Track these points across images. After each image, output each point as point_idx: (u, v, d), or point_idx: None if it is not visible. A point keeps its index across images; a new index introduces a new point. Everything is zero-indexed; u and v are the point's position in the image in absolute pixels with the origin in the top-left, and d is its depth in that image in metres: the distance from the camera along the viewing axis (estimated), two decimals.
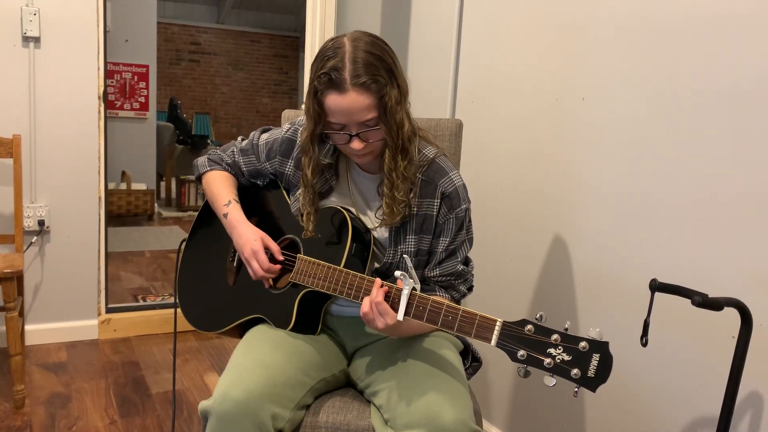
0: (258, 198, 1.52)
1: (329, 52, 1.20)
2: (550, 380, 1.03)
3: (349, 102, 1.18)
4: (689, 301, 1.13)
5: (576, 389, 1.03)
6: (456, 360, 1.35)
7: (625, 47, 1.62)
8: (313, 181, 1.35)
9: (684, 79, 1.47)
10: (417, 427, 1.15)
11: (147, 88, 6.23)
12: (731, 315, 1.23)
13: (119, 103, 6.13)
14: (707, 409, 1.44)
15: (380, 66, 1.19)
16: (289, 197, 1.47)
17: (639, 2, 1.58)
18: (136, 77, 6.18)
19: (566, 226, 1.81)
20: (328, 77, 1.18)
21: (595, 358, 1.01)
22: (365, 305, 1.20)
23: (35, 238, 2.72)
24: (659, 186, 1.53)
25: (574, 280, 1.79)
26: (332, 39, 1.23)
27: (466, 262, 1.42)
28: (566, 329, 1.04)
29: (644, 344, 1.17)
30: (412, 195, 1.30)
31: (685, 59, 1.47)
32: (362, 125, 1.22)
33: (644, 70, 1.57)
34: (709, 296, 1.14)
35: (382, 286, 1.21)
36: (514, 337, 1.07)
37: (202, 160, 1.55)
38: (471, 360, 1.48)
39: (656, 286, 1.20)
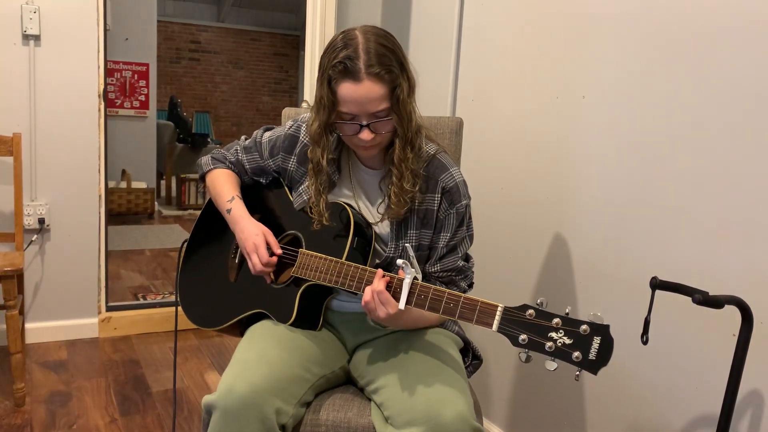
0: (261, 195, 1.53)
1: (341, 42, 1.22)
2: (552, 364, 1.03)
3: (363, 91, 1.20)
4: (690, 299, 1.13)
5: (577, 372, 1.03)
6: (456, 357, 1.35)
7: (625, 45, 1.62)
8: (328, 169, 1.36)
9: (684, 77, 1.47)
10: (418, 425, 1.15)
11: (147, 86, 6.23)
12: (732, 313, 1.23)
13: (119, 102, 6.13)
14: (708, 407, 1.44)
15: (393, 58, 1.22)
16: (291, 194, 1.47)
17: (639, 1, 1.57)
18: (136, 76, 6.18)
19: (567, 224, 1.81)
20: (343, 65, 1.20)
21: (596, 341, 1.00)
22: (367, 294, 1.20)
23: (35, 236, 2.72)
24: (659, 184, 1.53)
25: (575, 278, 1.79)
26: (343, 31, 1.25)
27: (467, 258, 1.43)
28: (567, 313, 1.04)
29: (645, 342, 1.17)
30: (417, 188, 1.31)
31: (685, 57, 1.47)
32: (373, 116, 1.23)
33: (645, 68, 1.57)
34: (710, 294, 1.14)
35: (383, 276, 1.21)
36: (515, 321, 1.07)
37: (205, 159, 1.56)
38: (471, 358, 1.49)
39: (657, 284, 1.20)
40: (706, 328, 1.43)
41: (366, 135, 1.25)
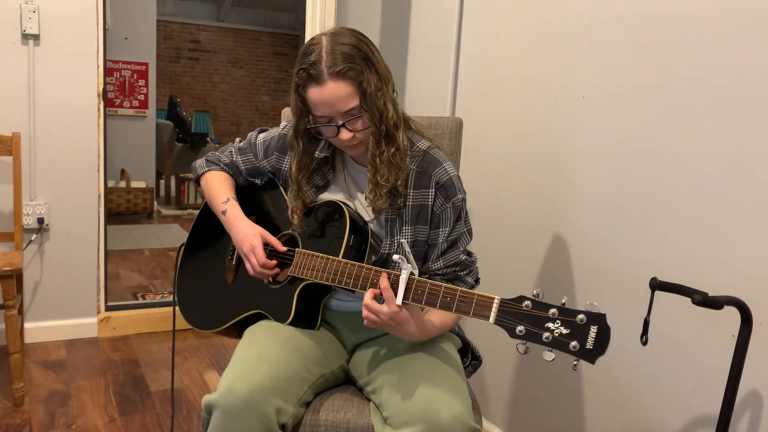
0: (256, 196, 1.53)
1: (308, 49, 1.24)
2: (549, 355, 1.03)
3: (328, 92, 1.21)
4: (689, 299, 1.13)
5: (575, 362, 1.03)
6: (455, 358, 1.35)
7: (625, 46, 1.62)
8: (298, 176, 1.37)
9: (684, 78, 1.47)
10: (415, 425, 1.15)
11: (146, 86, 6.23)
12: (731, 313, 1.23)
13: (119, 101, 6.13)
14: (707, 408, 1.44)
15: (356, 54, 1.22)
16: (286, 194, 1.47)
17: (639, 1, 1.57)
18: (135, 75, 6.18)
19: (566, 225, 1.81)
20: (306, 72, 1.22)
21: (593, 330, 1.00)
22: (367, 299, 1.18)
23: (34, 235, 2.71)
24: (659, 184, 1.53)
25: (574, 278, 1.79)
26: (312, 37, 1.27)
27: (468, 254, 1.42)
28: (563, 304, 1.04)
29: (644, 343, 1.17)
30: (400, 183, 1.31)
31: (685, 57, 1.47)
32: (346, 114, 1.24)
33: (644, 69, 1.57)
34: (709, 295, 1.14)
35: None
36: (512, 313, 1.07)
37: (200, 162, 1.57)
38: (471, 358, 1.48)
39: (656, 285, 1.20)
40: (705, 328, 1.43)
41: (345, 135, 1.26)
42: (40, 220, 2.70)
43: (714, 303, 1.14)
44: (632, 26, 1.60)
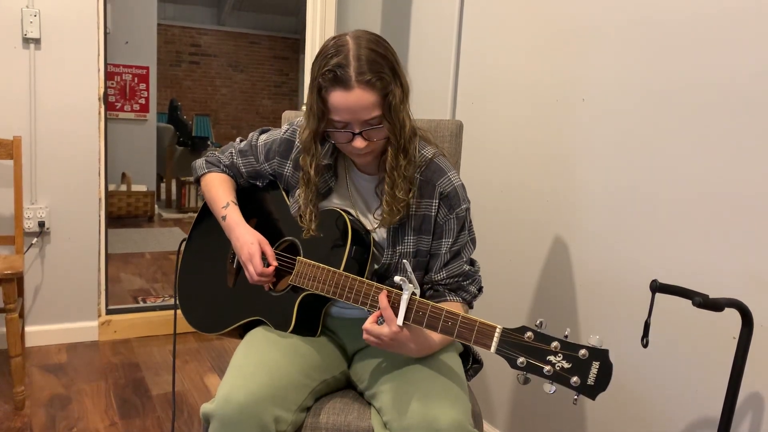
0: (257, 199, 1.52)
1: (332, 50, 1.19)
2: (550, 387, 1.03)
3: (354, 99, 1.18)
4: (690, 301, 1.13)
5: (575, 397, 1.03)
6: (456, 362, 1.34)
7: (625, 48, 1.62)
8: (316, 179, 1.33)
9: (684, 80, 1.47)
10: (414, 430, 1.15)
11: (147, 89, 6.24)
12: (732, 316, 1.23)
13: (119, 105, 6.13)
14: (708, 410, 1.44)
15: (384, 64, 1.19)
16: (288, 198, 1.46)
17: (639, 3, 1.58)
18: (136, 79, 6.18)
19: (566, 227, 1.81)
20: (333, 74, 1.17)
21: (595, 366, 1.00)
22: (368, 324, 1.19)
23: (35, 239, 2.71)
24: (659, 187, 1.53)
25: (575, 281, 1.79)
26: (334, 38, 1.23)
27: (472, 263, 1.41)
28: (566, 336, 1.04)
29: (645, 345, 1.17)
30: (411, 195, 1.30)
31: (684, 59, 1.47)
32: (365, 123, 1.21)
33: (644, 71, 1.57)
34: (710, 297, 1.14)
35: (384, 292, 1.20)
36: (513, 344, 1.06)
37: (200, 163, 1.55)
38: (472, 362, 1.48)
39: (657, 287, 1.20)
40: (706, 331, 1.43)
41: (359, 143, 1.23)
42: (41, 224, 2.70)
43: (715, 305, 1.14)
44: (632, 28, 1.60)
